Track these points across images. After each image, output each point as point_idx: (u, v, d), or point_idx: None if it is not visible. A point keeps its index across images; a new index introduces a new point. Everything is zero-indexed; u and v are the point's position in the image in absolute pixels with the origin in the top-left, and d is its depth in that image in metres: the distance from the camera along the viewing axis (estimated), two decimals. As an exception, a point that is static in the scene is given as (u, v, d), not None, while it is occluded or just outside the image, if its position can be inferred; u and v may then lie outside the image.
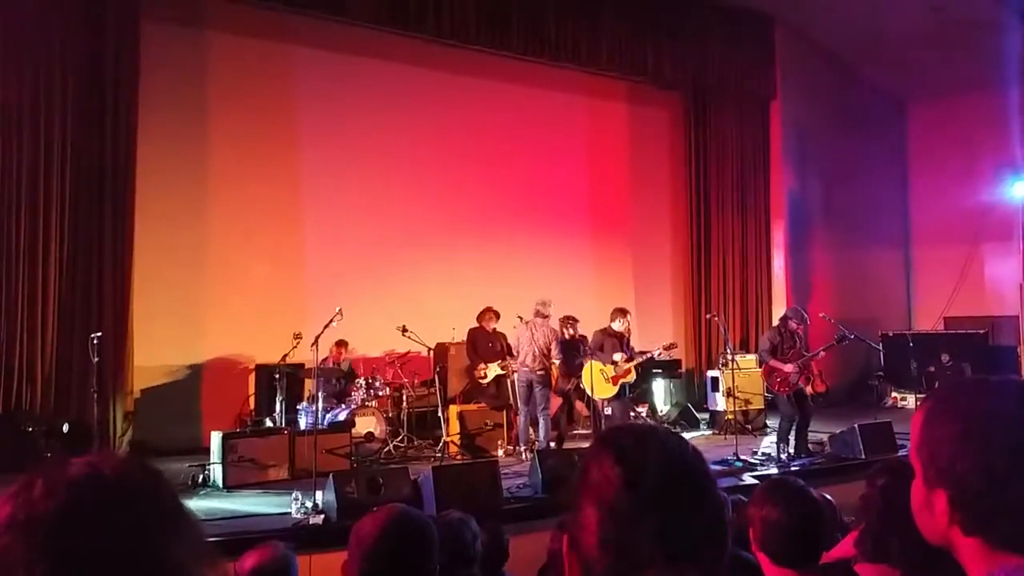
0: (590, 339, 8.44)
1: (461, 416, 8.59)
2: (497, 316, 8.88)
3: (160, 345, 8.75)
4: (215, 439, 7.19)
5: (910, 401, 11.85)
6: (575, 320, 8.54)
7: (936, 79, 13.50)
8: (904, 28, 12.01)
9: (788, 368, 7.97)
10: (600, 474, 1.00)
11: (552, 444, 8.13)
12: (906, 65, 13.36)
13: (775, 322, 9.38)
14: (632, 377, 8.23)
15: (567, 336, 8.38)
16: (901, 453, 7.16)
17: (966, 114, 13.53)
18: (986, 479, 1.02)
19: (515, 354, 8.32)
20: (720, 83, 12.29)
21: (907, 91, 14.63)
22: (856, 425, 8.05)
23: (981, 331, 12.87)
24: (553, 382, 8.48)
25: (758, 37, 12.63)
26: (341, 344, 8.77)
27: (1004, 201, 12.98)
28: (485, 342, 8.81)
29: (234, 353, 9.16)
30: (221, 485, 6.92)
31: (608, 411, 8.38)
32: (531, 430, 8.40)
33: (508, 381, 8.81)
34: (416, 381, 8.91)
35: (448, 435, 8.39)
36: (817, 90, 13.41)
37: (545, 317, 8.27)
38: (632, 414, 9.53)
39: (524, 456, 8.00)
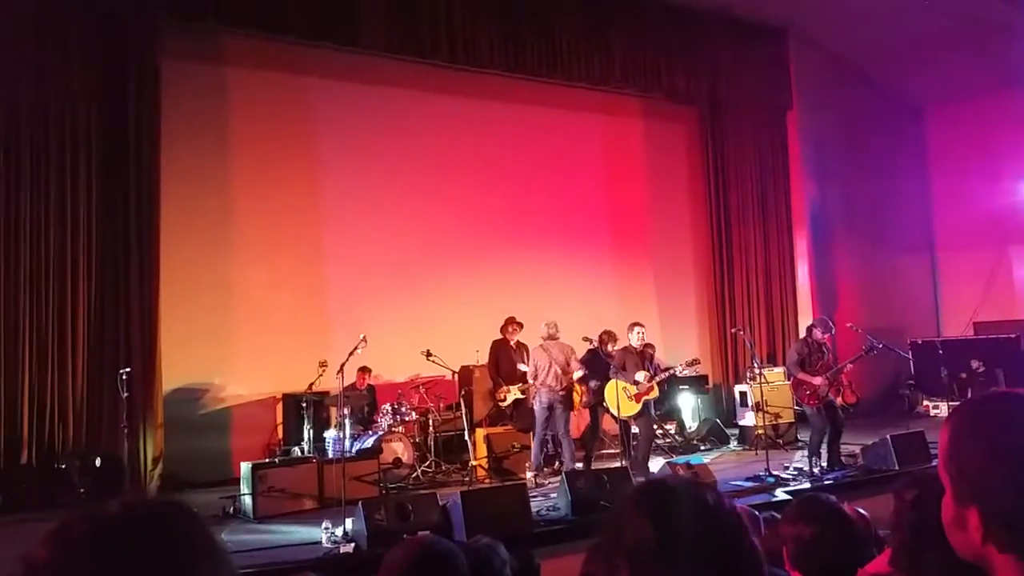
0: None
1: (488, 439, 8.57)
2: (520, 326, 8.83)
3: (188, 378, 8.84)
4: (244, 470, 7.25)
5: (942, 409, 11.67)
6: (614, 337, 8.46)
7: (952, 82, 13.39)
8: (918, 33, 11.94)
9: (817, 380, 7.88)
10: (634, 533, 0.99)
11: (579, 464, 8.06)
12: (921, 70, 13.28)
13: (802, 333, 9.28)
14: (655, 394, 8.13)
15: (604, 352, 8.31)
16: (934, 463, 7.03)
17: (985, 116, 13.40)
18: (1018, 494, 1.00)
19: (533, 378, 8.20)
20: (735, 95, 12.27)
21: (923, 95, 14.52)
22: (888, 436, 7.95)
23: (1012, 335, 12.66)
24: (577, 401, 8.41)
25: (771, 48, 12.63)
26: (364, 371, 8.81)
27: (1029, 202, 12.82)
28: (508, 359, 8.74)
29: (261, 383, 9.22)
30: (251, 516, 6.95)
31: (635, 430, 8.31)
32: (544, 451, 8.28)
33: (531, 404, 8.74)
34: (442, 405, 8.91)
35: (476, 459, 8.38)
36: (833, 98, 13.35)
37: (556, 338, 8.20)
38: (659, 431, 9.45)
39: (533, 481, 7.81)
